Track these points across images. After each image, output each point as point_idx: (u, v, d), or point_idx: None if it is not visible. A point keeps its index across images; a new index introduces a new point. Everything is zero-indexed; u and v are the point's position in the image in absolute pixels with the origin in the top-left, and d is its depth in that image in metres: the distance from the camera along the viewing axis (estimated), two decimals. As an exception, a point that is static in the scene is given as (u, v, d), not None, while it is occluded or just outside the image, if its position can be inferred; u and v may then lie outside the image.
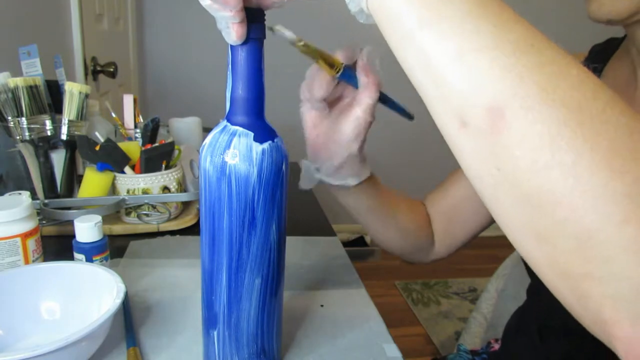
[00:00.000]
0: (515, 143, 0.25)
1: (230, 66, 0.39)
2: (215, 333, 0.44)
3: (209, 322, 0.45)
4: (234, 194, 0.39)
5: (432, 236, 0.71)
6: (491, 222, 0.70)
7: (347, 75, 0.48)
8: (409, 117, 0.54)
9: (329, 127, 0.51)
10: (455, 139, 0.28)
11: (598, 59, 0.64)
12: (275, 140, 0.40)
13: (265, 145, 0.39)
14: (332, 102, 0.52)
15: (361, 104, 0.48)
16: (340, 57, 0.47)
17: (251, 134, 0.39)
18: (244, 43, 0.37)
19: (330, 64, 0.46)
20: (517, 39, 0.26)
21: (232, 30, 0.36)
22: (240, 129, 0.39)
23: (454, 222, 0.70)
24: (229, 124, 0.40)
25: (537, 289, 0.70)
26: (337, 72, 0.46)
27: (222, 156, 0.39)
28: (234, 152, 0.39)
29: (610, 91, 0.26)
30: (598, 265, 0.25)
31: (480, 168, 0.28)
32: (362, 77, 0.48)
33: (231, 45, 0.38)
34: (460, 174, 0.70)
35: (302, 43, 0.43)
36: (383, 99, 0.50)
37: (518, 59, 0.26)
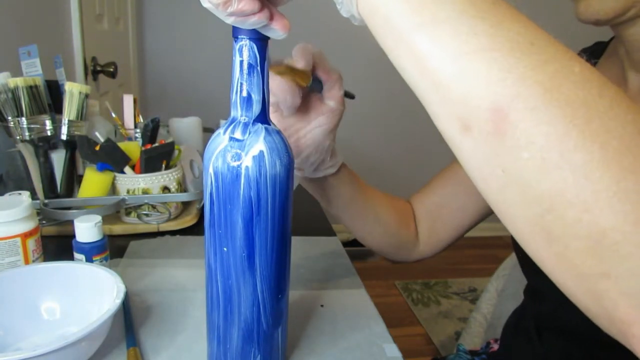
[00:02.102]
0: (521, 145, 0.25)
1: (237, 67, 0.39)
2: (221, 333, 0.44)
3: (214, 322, 0.44)
4: (245, 194, 0.39)
5: (416, 235, 0.71)
6: (475, 223, 0.71)
7: (313, 81, 0.51)
8: (352, 97, 0.57)
9: (297, 126, 0.53)
10: (458, 143, 0.28)
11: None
12: (282, 139, 0.41)
13: (274, 144, 0.40)
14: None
15: (333, 98, 0.52)
16: (301, 66, 0.49)
17: (261, 134, 0.39)
18: (253, 42, 0.37)
19: (303, 77, 0.49)
20: (515, 38, 0.26)
21: (274, 29, 0.36)
22: (250, 128, 0.39)
23: (438, 221, 0.71)
24: (236, 124, 0.40)
25: (534, 290, 0.70)
26: (308, 82, 0.49)
27: (231, 157, 0.39)
28: (244, 153, 0.39)
29: (615, 87, 0.26)
30: (614, 264, 0.24)
31: (485, 171, 0.27)
32: (326, 79, 0.51)
33: (239, 45, 0.38)
34: (445, 174, 0.70)
35: (278, 69, 0.46)
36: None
37: (518, 59, 0.25)
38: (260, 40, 0.38)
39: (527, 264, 0.67)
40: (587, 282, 0.26)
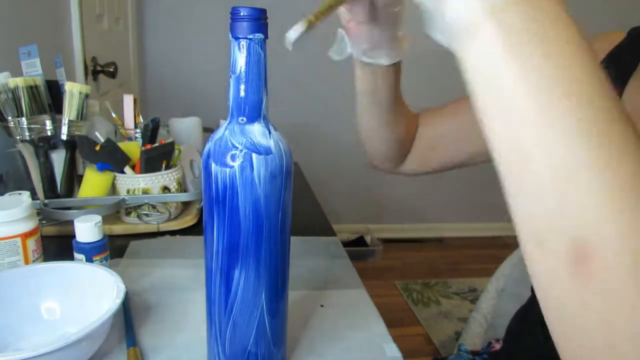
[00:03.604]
0: (590, 291, 0.23)
1: (232, 67, 0.39)
2: (220, 334, 0.44)
3: (214, 323, 0.44)
4: (241, 195, 0.39)
5: (409, 151, 0.70)
6: (464, 164, 0.70)
7: None
8: None
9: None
10: (528, 249, 0.26)
11: (638, 43, 0.61)
12: (278, 140, 0.41)
13: (269, 145, 0.39)
14: None
15: None
16: None
17: (255, 135, 0.39)
18: (254, 42, 0.37)
19: None
20: (633, 172, 0.23)
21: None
22: (245, 130, 0.39)
23: (433, 150, 0.70)
24: (231, 125, 0.40)
25: None
26: None
27: (226, 158, 0.39)
28: (238, 154, 0.39)
29: None
30: None
31: (544, 285, 0.26)
32: None
33: (234, 46, 0.38)
34: (458, 108, 0.69)
35: (311, 20, 0.39)
36: None
37: (627, 197, 0.23)
38: (261, 40, 0.38)
39: None
40: None
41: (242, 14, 0.37)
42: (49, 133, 0.79)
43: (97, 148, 0.77)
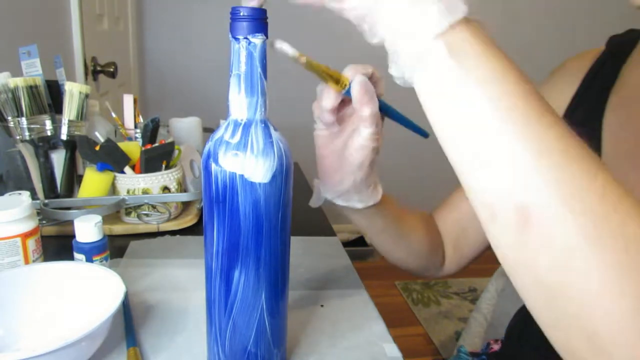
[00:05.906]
0: (537, 244, 0.28)
1: (232, 67, 0.39)
2: (220, 335, 0.44)
3: (214, 323, 0.44)
4: (240, 195, 0.39)
5: (444, 253, 0.71)
6: None
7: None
8: (424, 134, 0.52)
9: (338, 150, 0.50)
10: (485, 226, 0.32)
11: (617, 53, 0.61)
12: (278, 140, 0.41)
13: (268, 145, 0.39)
14: (344, 122, 0.50)
15: (361, 133, 0.47)
16: (348, 73, 0.46)
17: (254, 135, 0.39)
18: (253, 42, 0.37)
19: (337, 80, 0.45)
20: (559, 149, 0.28)
21: None
22: (244, 129, 0.39)
23: (461, 239, 0.70)
24: (231, 124, 0.40)
25: None
26: (343, 88, 0.45)
27: (225, 158, 0.39)
28: (238, 153, 0.39)
29: (631, 200, 0.28)
30: (604, 358, 0.27)
31: (506, 255, 0.31)
32: (355, 104, 0.46)
33: (234, 46, 0.38)
34: (462, 194, 0.68)
35: (304, 59, 0.42)
36: (392, 115, 0.50)
37: (552, 169, 0.28)
38: (260, 40, 0.38)
39: None
40: None
41: (242, 13, 0.37)
42: (49, 133, 0.79)
43: (97, 148, 0.77)
